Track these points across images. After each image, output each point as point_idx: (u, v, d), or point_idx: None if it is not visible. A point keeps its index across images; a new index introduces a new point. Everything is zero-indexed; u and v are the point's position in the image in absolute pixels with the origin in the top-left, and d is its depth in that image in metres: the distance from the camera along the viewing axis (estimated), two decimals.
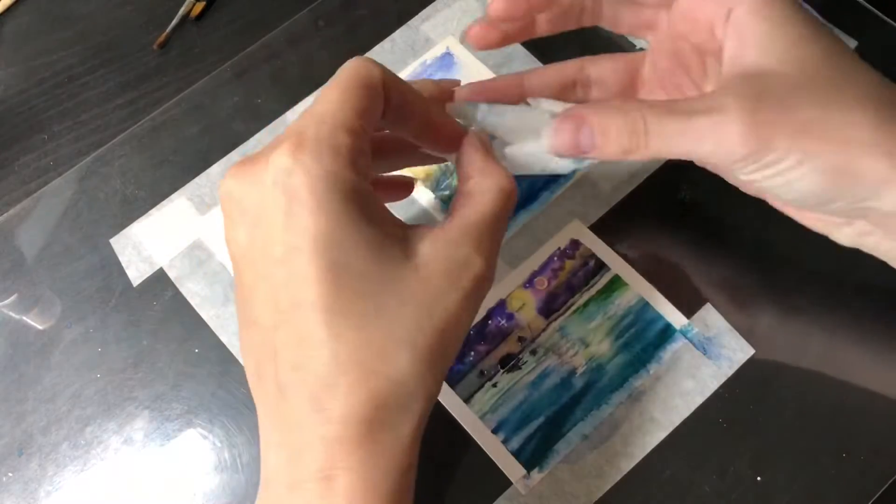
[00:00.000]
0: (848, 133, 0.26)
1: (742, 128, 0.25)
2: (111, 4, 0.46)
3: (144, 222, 0.40)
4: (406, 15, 0.44)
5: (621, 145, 0.26)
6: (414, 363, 0.23)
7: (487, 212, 0.26)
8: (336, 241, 0.23)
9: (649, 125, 0.26)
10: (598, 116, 0.27)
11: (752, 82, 0.26)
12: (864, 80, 0.28)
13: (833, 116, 0.26)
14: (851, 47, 0.41)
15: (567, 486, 0.33)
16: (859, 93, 0.27)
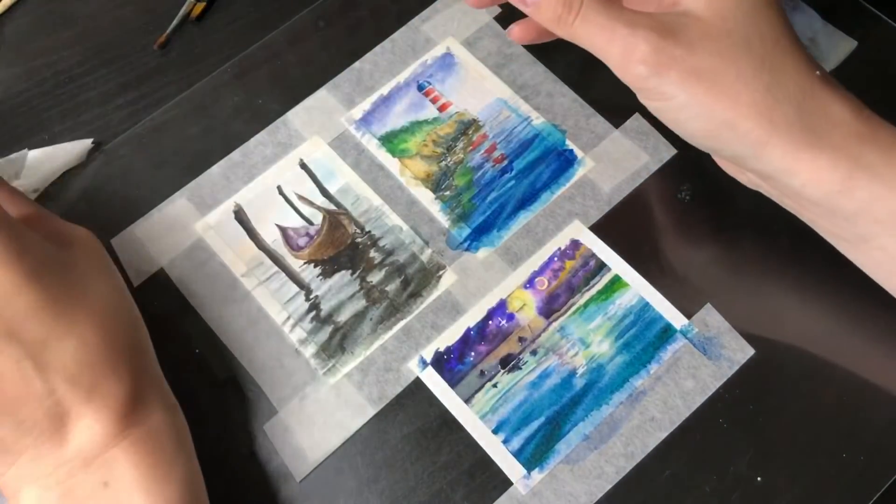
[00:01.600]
0: (737, 90, 0.28)
1: (646, 50, 0.28)
2: (112, 5, 0.46)
3: (145, 223, 0.40)
4: (406, 15, 0.44)
5: (555, 11, 0.30)
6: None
7: None
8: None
9: (583, 8, 0.29)
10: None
11: (676, 15, 0.29)
12: (778, 46, 0.29)
13: (729, 71, 0.28)
14: (851, 47, 0.41)
15: (567, 486, 0.34)
16: (765, 55, 0.28)
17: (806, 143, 0.28)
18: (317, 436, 0.35)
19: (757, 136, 0.28)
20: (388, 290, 0.38)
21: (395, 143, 0.41)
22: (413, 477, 0.34)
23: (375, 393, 0.36)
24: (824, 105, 0.29)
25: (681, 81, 0.28)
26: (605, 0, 0.29)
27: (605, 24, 0.29)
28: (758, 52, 0.28)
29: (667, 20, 0.29)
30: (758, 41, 0.29)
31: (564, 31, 0.30)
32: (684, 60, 0.28)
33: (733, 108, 0.28)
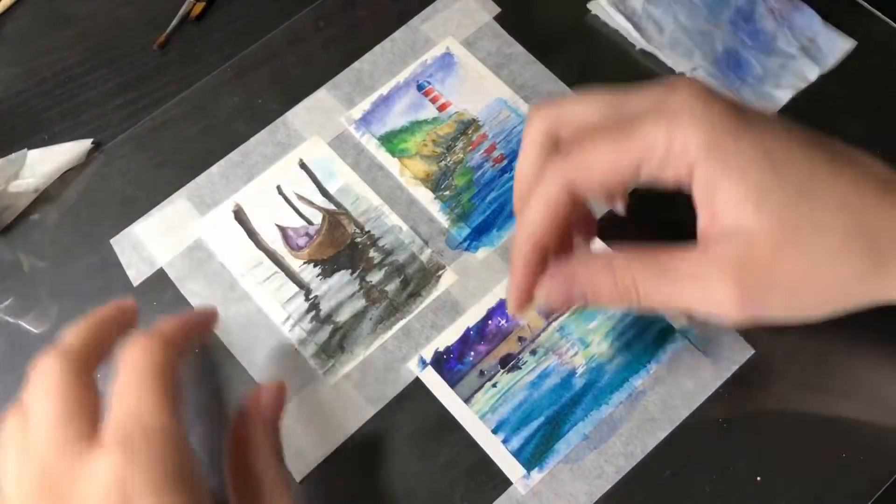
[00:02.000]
0: (839, 287, 0.26)
1: (734, 296, 0.25)
2: (111, 5, 0.46)
3: (144, 222, 0.40)
4: (406, 15, 0.44)
5: (614, 301, 0.27)
6: None
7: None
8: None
9: (639, 285, 0.26)
10: (588, 277, 0.27)
11: (732, 244, 0.25)
12: (839, 199, 0.26)
13: (821, 273, 0.25)
14: (851, 47, 0.41)
15: (567, 486, 0.34)
16: (841, 226, 0.25)
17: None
18: (316, 436, 0.35)
19: (870, 284, 0.26)
20: (387, 289, 0.38)
21: (395, 143, 0.41)
22: (413, 476, 0.34)
23: (375, 393, 0.36)
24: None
25: (785, 302, 0.25)
26: (655, 259, 0.27)
27: (671, 290, 0.26)
28: (833, 231, 0.25)
29: (722, 253, 0.25)
30: (821, 215, 0.25)
31: (642, 309, 0.28)
32: (776, 282, 0.25)
33: (840, 303, 0.26)
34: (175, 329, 0.29)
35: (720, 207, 0.26)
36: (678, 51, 0.41)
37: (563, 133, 0.28)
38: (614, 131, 0.26)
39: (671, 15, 0.43)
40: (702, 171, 0.26)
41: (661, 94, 0.27)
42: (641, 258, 0.27)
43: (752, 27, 0.42)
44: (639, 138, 0.26)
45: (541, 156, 0.29)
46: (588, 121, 0.28)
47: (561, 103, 0.29)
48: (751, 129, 0.25)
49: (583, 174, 0.27)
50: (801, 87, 0.41)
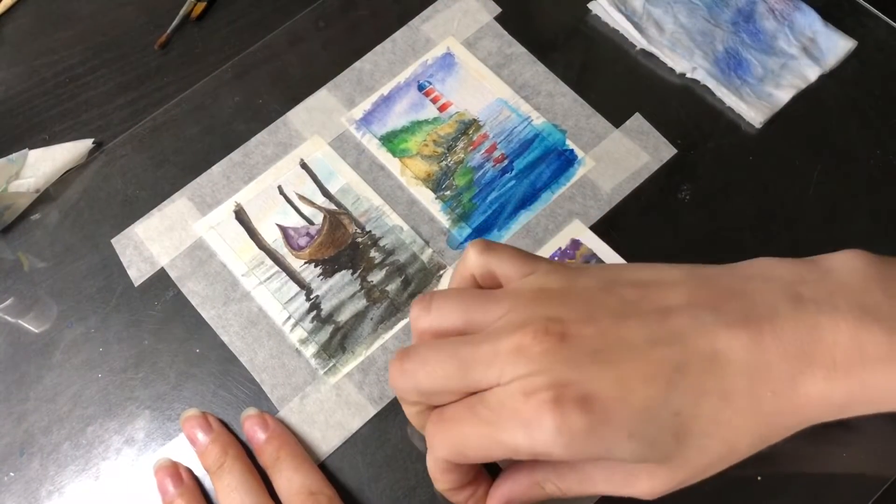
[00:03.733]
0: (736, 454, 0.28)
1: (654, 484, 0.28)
2: (112, 5, 0.46)
3: (145, 222, 0.40)
4: (406, 15, 0.44)
5: (544, 500, 0.30)
6: None
7: None
8: None
9: (562, 486, 0.29)
10: (523, 496, 0.29)
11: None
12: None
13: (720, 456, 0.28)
14: (851, 47, 0.41)
15: None
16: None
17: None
18: (317, 435, 0.35)
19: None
20: (388, 289, 0.38)
21: (396, 143, 0.41)
22: (414, 476, 0.34)
23: (376, 392, 0.36)
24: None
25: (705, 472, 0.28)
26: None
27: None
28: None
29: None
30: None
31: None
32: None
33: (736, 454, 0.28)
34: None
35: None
36: (678, 51, 0.42)
37: (424, 399, 0.29)
38: (478, 421, 0.26)
39: (671, 15, 0.43)
40: (570, 459, 0.27)
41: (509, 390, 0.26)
42: (556, 465, 0.29)
43: (752, 27, 0.42)
44: (504, 442, 0.26)
45: (418, 411, 0.30)
46: (449, 391, 0.28)
47: (415, 375, 0.28)
48: (609, 420, 0.25)
49: (459, 456, 0.27)
50: (802, 87, 0.41)
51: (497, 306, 0.28)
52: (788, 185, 0.39)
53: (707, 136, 0.40)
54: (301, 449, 0.34)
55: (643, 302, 0.27)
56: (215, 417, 0.35)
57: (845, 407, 0.27)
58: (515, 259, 0.29)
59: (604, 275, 0.29)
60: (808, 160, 0.40)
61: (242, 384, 0.36)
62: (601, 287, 0.28)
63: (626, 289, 0.28)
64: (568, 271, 0.29)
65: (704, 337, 0.26)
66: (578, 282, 0.28)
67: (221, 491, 0.33)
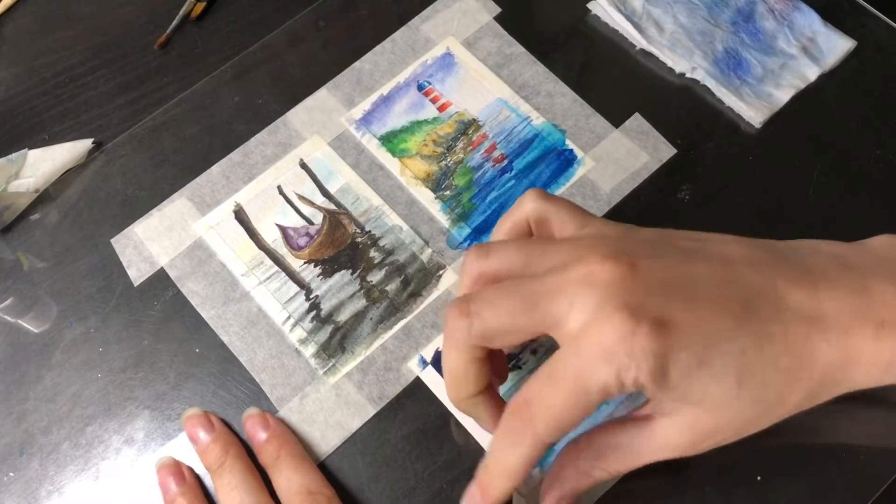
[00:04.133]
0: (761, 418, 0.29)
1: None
2: (112, 5, 0.46)
3: (145, 222, 0.40)
4: (406, 15, 0.44)
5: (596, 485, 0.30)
6: None
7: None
8: None
9: (611, 470, 0.29)
10: (574, 489, 0.30)
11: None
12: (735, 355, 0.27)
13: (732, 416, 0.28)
14: (851, 47, 0.41)
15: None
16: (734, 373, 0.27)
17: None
18: (317, 435, 0.35)
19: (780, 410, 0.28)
20: (388, 289, 0.38)
21: (395, 143, 0.41)
22: (413, 476, 0.34)
23: (375, 392, 0.36)
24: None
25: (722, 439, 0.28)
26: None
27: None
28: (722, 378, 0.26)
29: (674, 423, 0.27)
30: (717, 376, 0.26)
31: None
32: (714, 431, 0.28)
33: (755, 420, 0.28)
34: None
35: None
36: (678, 51, 0.42)
37: (485, 343, 0.28)
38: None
39: (671, 15, 0.43)
40: (649, 394, 0.27)
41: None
42: (596, 448, 0.29)
43: (752, 27, 0.42)
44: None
45: (470, 359, 0.29)
46: (507, 328, 0.27)
47: (482, 316, 0.27)
48: (683, 347, 0.25)
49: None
50: (801, 87, 0.41)
51: (557, 251, 0.28)
52: (788, 185, 0.39)
53: (707, 136, 0.40)
54: (301, 449, 0.34)
55: (704, 250, 0.28)
56: (217, 416, 0.35)
57: (890, 367, 0.27)
58: (572, 210, 0.30)
59: (659, 231, 0.29)
60: (808, 160, 0.40)
61: (242, 384, 0.36)
62: (659, 237, 0.29)
63: (684, 241, 0.28)
64: (624, 225, 0.29)
65: (767, 284, 0.27)
66: (637, 232, 0.29)
67: (221, 489, 0.33)
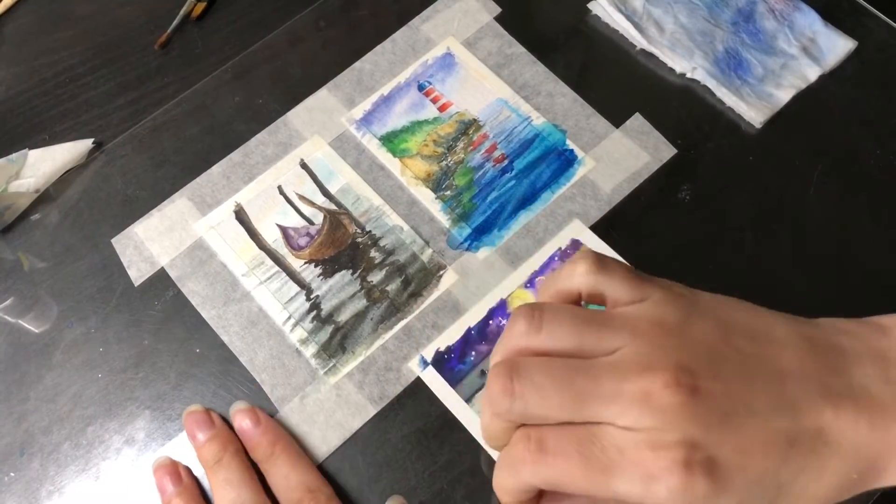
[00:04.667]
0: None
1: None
2: (112, 5, 0.46)
3: (145, 222, 0.40)
4: (407, 15, 0.44)
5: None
6: None
7: None
8: None
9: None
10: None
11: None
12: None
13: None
14: (851, 47, 0.41)
15: None
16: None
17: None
18: (317, 435, 0.35)
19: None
20: (388, 289, 0.38)
21: (396, 143, 0.41)
22: (414, 476, 0.34)
23: (376, 392, 0.36)
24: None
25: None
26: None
27: None
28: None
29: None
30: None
31: None
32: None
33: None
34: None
35: None
36: (678, 51, 0.42)
37: (525, 421, 0.28)
38: (587, 461, 0.26)
39: (671, 15, 0.43)
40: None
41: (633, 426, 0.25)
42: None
43: (752, 27, 0.42)
44: (613, 488, 0.25)
45: (507, 427, 0.28)
46: (556, 418, 0.27)
47: (526, 399, 0.27)
48: (727, 489, 0.25)
49: (553, 487, 0.27)
50: (802, 87, 0.41)
51: (614, 336, 0.27)
52: (788, 185, 0.39)
53: (707, 136, 0.40)
54: (296, 445, 0.34)
55: (761, 361, 0.27)
56: (217, 414, 0.35)
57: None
58: (627, 282, 0.29)
59: (717, 314, 0.28)
60: (808, 160, 0.40)
61: (242, 384, 0.36)
62: (719, 333, 0.27)
63: (742, 340, 0.27)
64: (681, 303, 0.28)
65: (814, 411, 0.26)
66: (695, 323, 0.28)
67: (217, 485, 0.33)
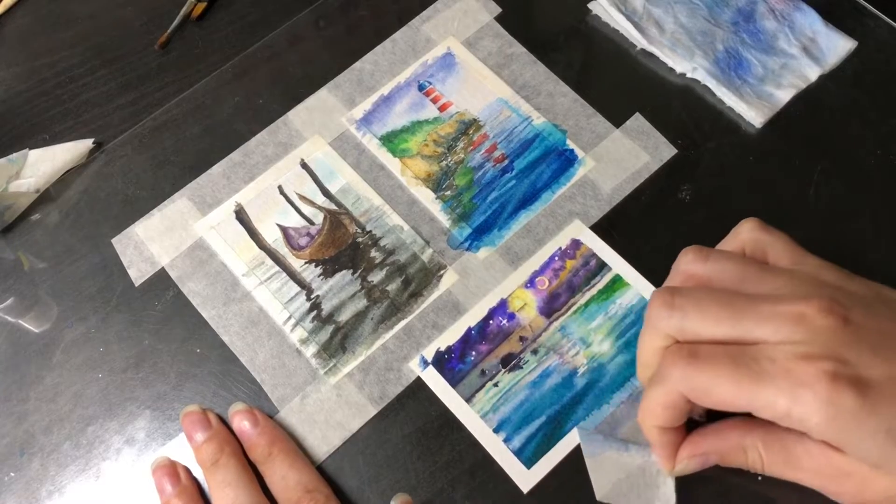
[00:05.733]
0: None
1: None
2: (112, 5, 0.46)
3: (146, 222, 0.40)
4: (407, 15, 0.44)
5: (743, 466, 0.31)
6: None
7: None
8: None
9: (765, 460, 0.30)
10: (719, 446, 0.30)
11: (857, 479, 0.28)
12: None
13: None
14: (851, 47, 0.41)
15: (568, 486, 0.34)
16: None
17: None
18: (318, 435, 0.35)
19: None
20: (389, 289, 0.38)
21: (396, 143, 0.41)
22: (414, 476, 0.34)
23: (376, 392, 0.36)
24: None
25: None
26: (782, 445, 0.29)
27: (794, 475, 0.29)
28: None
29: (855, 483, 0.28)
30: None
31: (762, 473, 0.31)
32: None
33: None
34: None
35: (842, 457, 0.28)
36: (679, 51, 0.42)
37: (680, 337, 0.29)
38: (737, 368, 0.27)
39: (672, 15, 0.43)
40: (819, 436, 0.27)
41: (790, 350, 0.27)
42: (767, 437, 0.29)
43: (752, 27, 0.42)
44: (761, 395, 0.27)
45: (661, 346, 0.30)
46: (711, 334, 0.28)
47: (685, 311, 0.29)
48: (875, 411, 0.26)
49: (699, 396, 0.28)
50: (802, 87, 0.41)
51: (774, 279, 0.29)
52: (788, 185, 0.39)
53: (707, 136, 0.40)
54: (294, 445, 0.34)
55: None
56: (215, 414, 0.35)
57: None
58: (789, 244, 0.31)
59: (870, 287, 0.30)
60: (808, 160, 0.40)
61: (243, 384, 0.36)
62: (874, 293, 0.29)
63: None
64: (839, 272, 0.30)
65: None
66: (851, 283, 0.29)
67: (215, 486, 0.33)
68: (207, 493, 0.34)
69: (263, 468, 0.33)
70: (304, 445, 0.35)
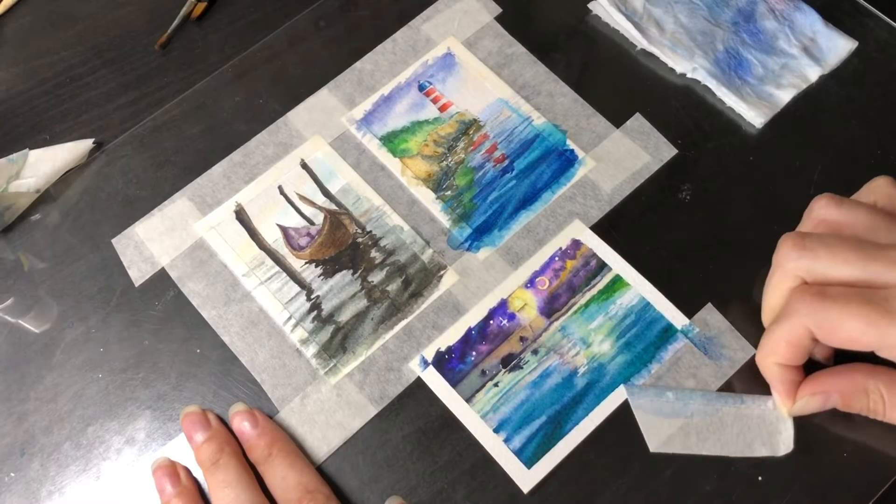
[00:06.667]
0: None
1: None
2: (112, 5, 0.46)
3: (146, 222, 0.40)
4: (407, 15, 0.44)
5: (862, 410, 0.31)
6: None
7: None
8: None
9: (887, 402, 0.30)
10: (841, 386, 0.31)
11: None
12: None
13: None
14: (851, 47, 0.41)
15: (568, 486, 0.34)
16: None
17: None
18: (318, 435, 0.35)
19: None
20: (389, 289, 0.38)
21: (396, 143, 0.41)
22: (414, 476, 0.34)
23: (376, 392, 0.36)
24: None
25: None
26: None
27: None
28: None
29: None
30: None
31: (882, 419, 0.31)
32: None
33: None
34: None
35: None
36: (679, 51, 0.42)
37: (809, 278, 0.30)
38: (868, 304, 0.28)
39: (672, 15, 0.43)
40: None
41: None
42: (892, 381, 0.30)
43: (752, 27, 0.42)
44: (891, 332, 0.28)
45: (790, 287, 0.31)
46: (840, 276, 0.30)
47: (816, 252, 0.30)
48: None
49: (825, 332, 0.29)
50: (802, 87, 0.41)
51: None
52: (788, 185, 0.39)
53: (707, 136, 0.40)
54: (294, 446, 0.34)
55: None
56: (215, 414, 0.35)
57: None
58: None
59: None
60: (808, 160, 0.40)
61: (243, 384, 0.36)
62: None
63: None
64: None
65: None
66: None
67: (215, 487, 0.33)
68: (207, 493, 0.34)
69: (263, 469, 0.33)
70: (304, 446, 0.35)
